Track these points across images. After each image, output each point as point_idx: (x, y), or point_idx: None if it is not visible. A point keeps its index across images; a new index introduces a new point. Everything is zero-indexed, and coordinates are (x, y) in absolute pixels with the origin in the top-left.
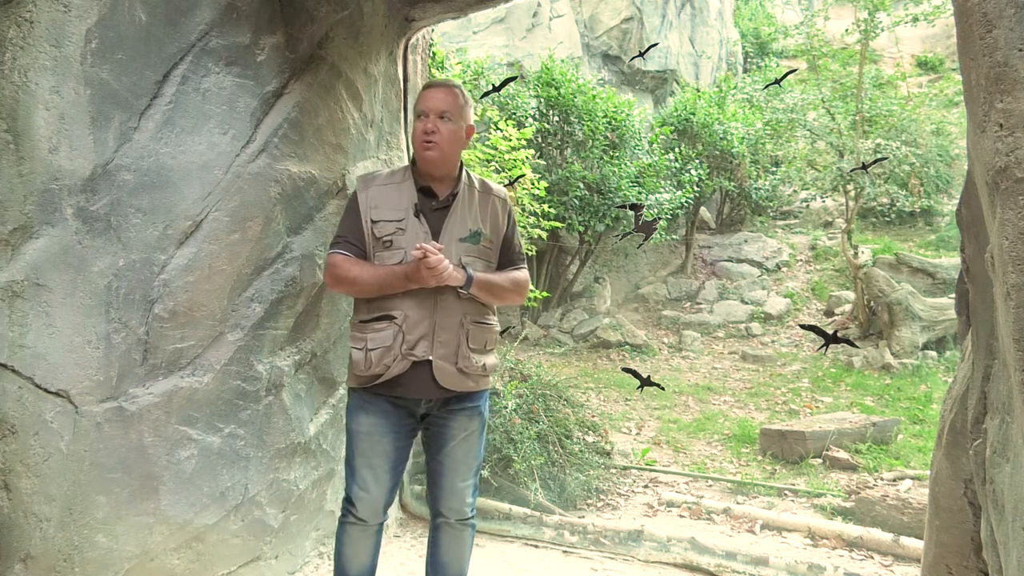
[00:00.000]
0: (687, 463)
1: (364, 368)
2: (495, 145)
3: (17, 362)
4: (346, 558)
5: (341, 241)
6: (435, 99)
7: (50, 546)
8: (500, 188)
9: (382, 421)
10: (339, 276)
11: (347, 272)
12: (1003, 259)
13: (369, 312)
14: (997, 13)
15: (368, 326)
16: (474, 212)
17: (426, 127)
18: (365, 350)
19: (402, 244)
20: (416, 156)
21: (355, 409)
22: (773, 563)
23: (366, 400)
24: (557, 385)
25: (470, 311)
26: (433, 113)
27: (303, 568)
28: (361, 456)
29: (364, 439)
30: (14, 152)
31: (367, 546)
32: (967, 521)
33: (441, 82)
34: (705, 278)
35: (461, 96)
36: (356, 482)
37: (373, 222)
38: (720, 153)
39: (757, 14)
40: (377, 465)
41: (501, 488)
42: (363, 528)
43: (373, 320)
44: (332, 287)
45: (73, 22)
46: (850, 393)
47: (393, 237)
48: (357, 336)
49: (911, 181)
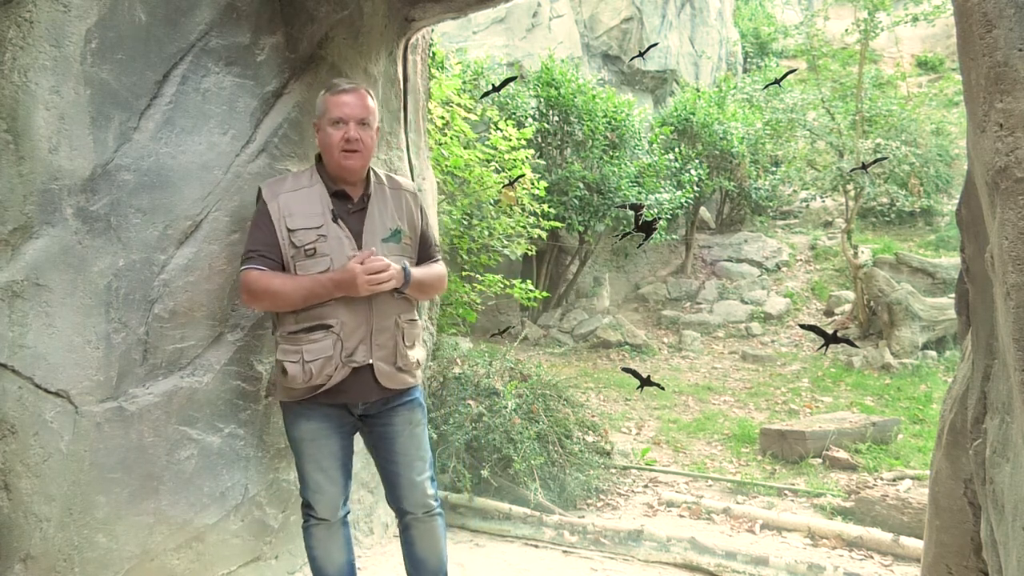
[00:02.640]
0: (687, 463)
1: (303, 380)
2: (495, 145)
3: (17, 362)
4: (320, 560)
5: (254, 256)
6: (352, 106)
7: (50, 546)
8: (408, 181)
9: (324, 424)
10: (256, 291)
11: (267, 285)
12: (1003, 259)
13: (299, 322)
14: (997, 13)
15: (301, 337)
16: (390, 210)
17: (348, 135)
18: (302, 362)
19: (326, 251)
20: (330, 162)
21: (295, 418)
22: (773, 563)
23: (305, 408)
24: (557, 385)
25: (403, 310)
26: (352, 120)
27: (303, 568)
28: (311, 461)
29: (309, 444)
30: (14, 152)
31: (337, 543)
32: (967, 521)
33: (349, 86)
34: (705, 278)
35: (372, 98)
36: (310, 486)
37: (291, 231)
38: (720, 153)
39: (757, 14)
40: (327, 466)
41: (501, 488)
42: (327, 526)
43: (305, 331)
44: (249, 303)
45: (73, 22)
46: (850, 393)
47: (316, 245)
48: (288, 349)
49: (911, 181)
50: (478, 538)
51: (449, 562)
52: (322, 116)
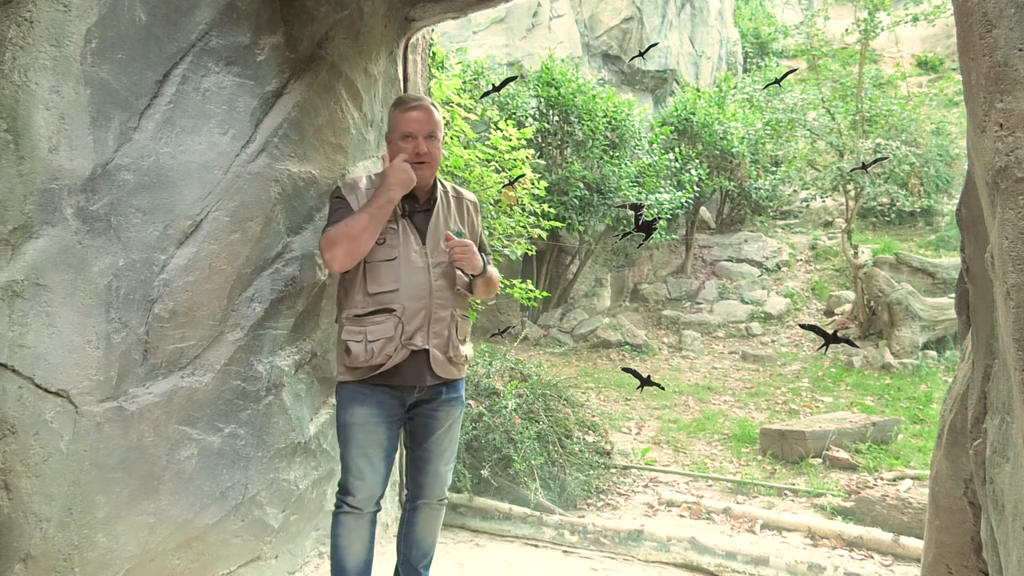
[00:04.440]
0: (687, 463)
1: (364, 359)
2: (495, 145)
3: (17, 362)
4: (342, 551)
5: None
6: (421, 121)
7: (50, 546)
8: (469, 193)
9: (377, 411)
10: (333, 238)
11: (337, 229)
12: (1003, 259)
13: (366, 306)
14: (997, 13)
15: (366, 319)
16: (452, 215)
17: (419, 149)
18: (365, 341)
19: (395, 242)
20: None
21: (348, 402)
22: (773, 563)
23: (361, 392)
24: (557, 385)
25: (459, 304)
26: (421, 135)
27: (303, 568)
28: (357, 447)
29: (359, 430)
30: (14, 152)
31: (362, 536)
32: (967, 521)
33: (416, 102)
34: (705, 278)
35: (437, 111)
36: (352, 472)
37: None
38: (720, 153)
39: (757, 14)
40: (372, 454)
41: (501, 488)
42: (357, 516)
43: (370, 313)
44: (331, 258)
45: (73, 22)
46: (850, 393)
47: (386, 235)
48: (353, 329)
49: (911, 181)
50: (478, 538)
51: (449, 562)
52: (393, 131)
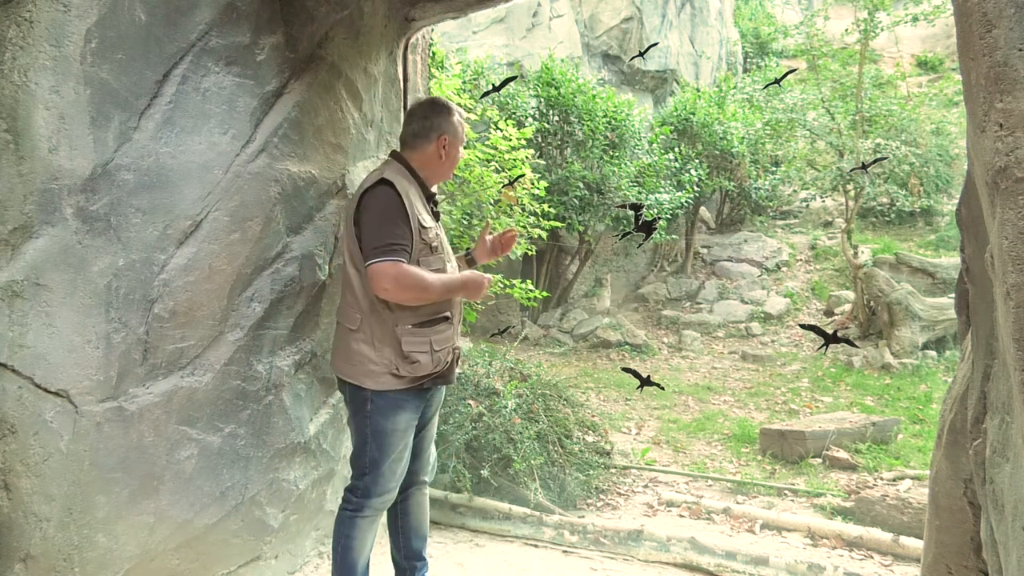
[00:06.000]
0: (687, 463)
1: (431, 368)
2: (495, 145)
3: (17, 362)
4: (356, 552)
5: (398, 248)
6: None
7: (50, 546)
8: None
9: (414, 417)
10: (408, 284)
11: (419, 280)
12: (1003, 259)
13: (425, 315)
14: (997, 13)
15: (430, 329)
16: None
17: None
18: (431, 351)
19: (442, 249)
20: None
21: (391, 409)
22: (773, 563)
23: (405, 399)
24: (557, 385)
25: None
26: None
27: (303, 568)
28: (394, 452)
29: (400, 437)
30: (14, 152)
31: (373, 537)
32: (967, 521)
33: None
34: (705, 278)
35: None
36: (384, 476)
37: (422, 227)
38: (720, 153)
39: (757, 14)
40: (406, 457)
41: (501, 488)
42: (374, 519)
43: (430, 323)
44: (392, 294)
45: (73, 22)
46: (850, 393)
47: (436, 242)
48: (416, 340)
49: (911, 181)
50: (478, 538)
51: (449, 562)
52: (456, 136)
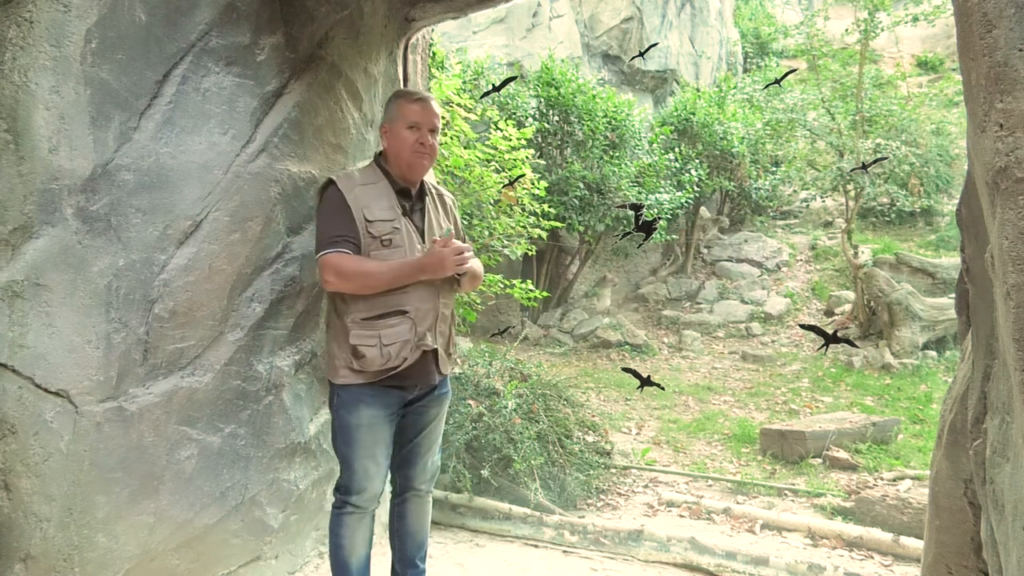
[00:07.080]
0: (687, 463)
1: (381, 363)
2: (495, 145)
3: (17, 362)
4: (346, 551)
5: (339, 240)
6: (426, 113)
7: (50, 546)
8: (446, 190)
9: (381, 412)
10: (348, 272)
11: (359, 267)
12: (1003, 259)
13: (374, 309)
14: (997, 13)
15: (379, 322)
16: (440, 212)
17: (424, 140)
18: (379, 345)
19: (399, 242)
20: (399, 161)
21: (352, 404)
22: (773, 563)
23: (367, 394)
24: (557, 385)
25: (452, 300)
26: (425, 126)
27: (303, 568)
28: (363, 448)
29: (366, 432)
30: (14, 152)
31: (364, 535)
32: (967, 521)
33: (422, 96)
34: (705, 278)
35: (439, 109)
36: (358, 473)
37: (368, 221)
38: (720, 153)
39: (757, 14)
40: (378, 454)
41: (501, 488)
42: (361, 516)
43: (381, 316)
44: (336, 285)
45: (73, 22)
46: (850, 393)
47: (392, 236)
48: (363, 334)
49: (911, 181)
50: (478, 538)
51: (449, 562)
52: (395, 120)
